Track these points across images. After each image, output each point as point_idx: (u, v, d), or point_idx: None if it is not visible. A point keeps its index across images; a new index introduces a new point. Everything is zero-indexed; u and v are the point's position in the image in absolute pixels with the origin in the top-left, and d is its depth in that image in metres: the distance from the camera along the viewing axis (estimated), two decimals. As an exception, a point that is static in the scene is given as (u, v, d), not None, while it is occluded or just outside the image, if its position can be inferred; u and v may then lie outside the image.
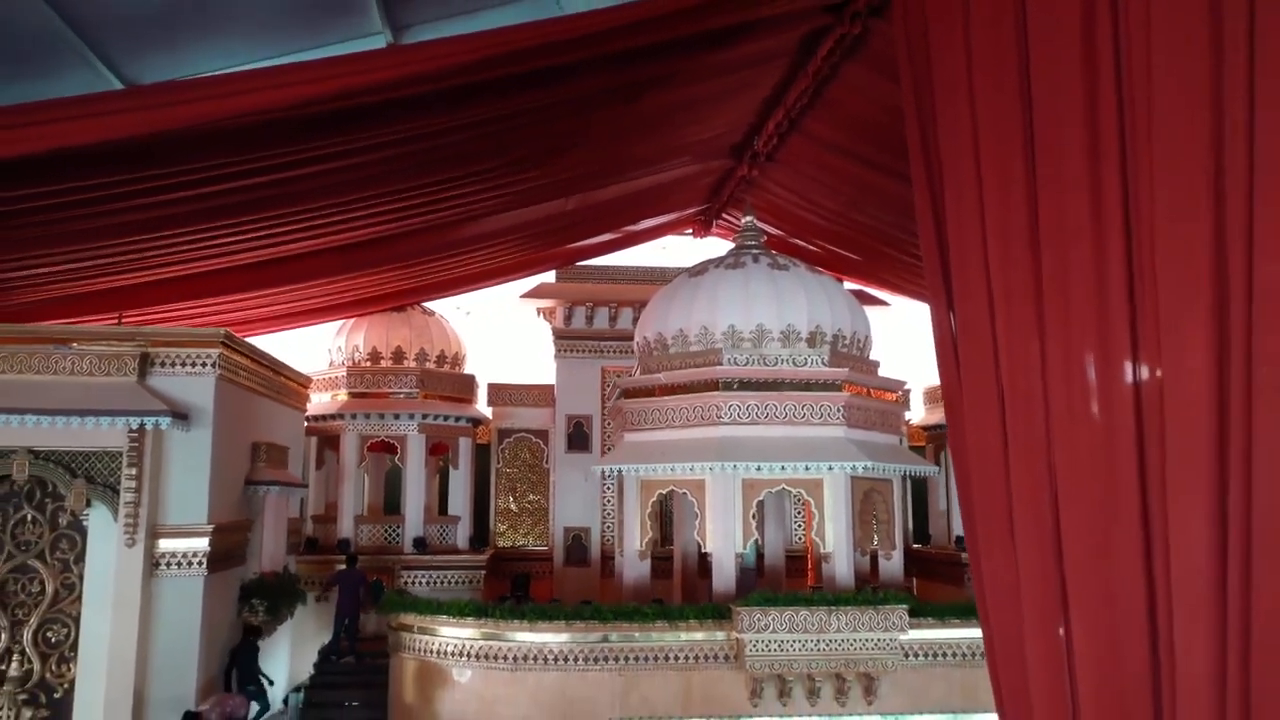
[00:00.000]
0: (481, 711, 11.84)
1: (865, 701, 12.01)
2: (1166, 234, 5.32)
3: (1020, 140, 6.97)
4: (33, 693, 11.17)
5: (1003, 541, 7.01)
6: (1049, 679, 6.42)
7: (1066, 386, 6.29)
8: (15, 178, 8.76)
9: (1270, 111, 4.77)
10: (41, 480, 11.44)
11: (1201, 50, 5.07)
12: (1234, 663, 4.82)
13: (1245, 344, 4.81)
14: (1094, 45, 6.06)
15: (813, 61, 11.84)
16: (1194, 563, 5.16)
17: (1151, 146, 5.52)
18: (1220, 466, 4.97)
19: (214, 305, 14.47)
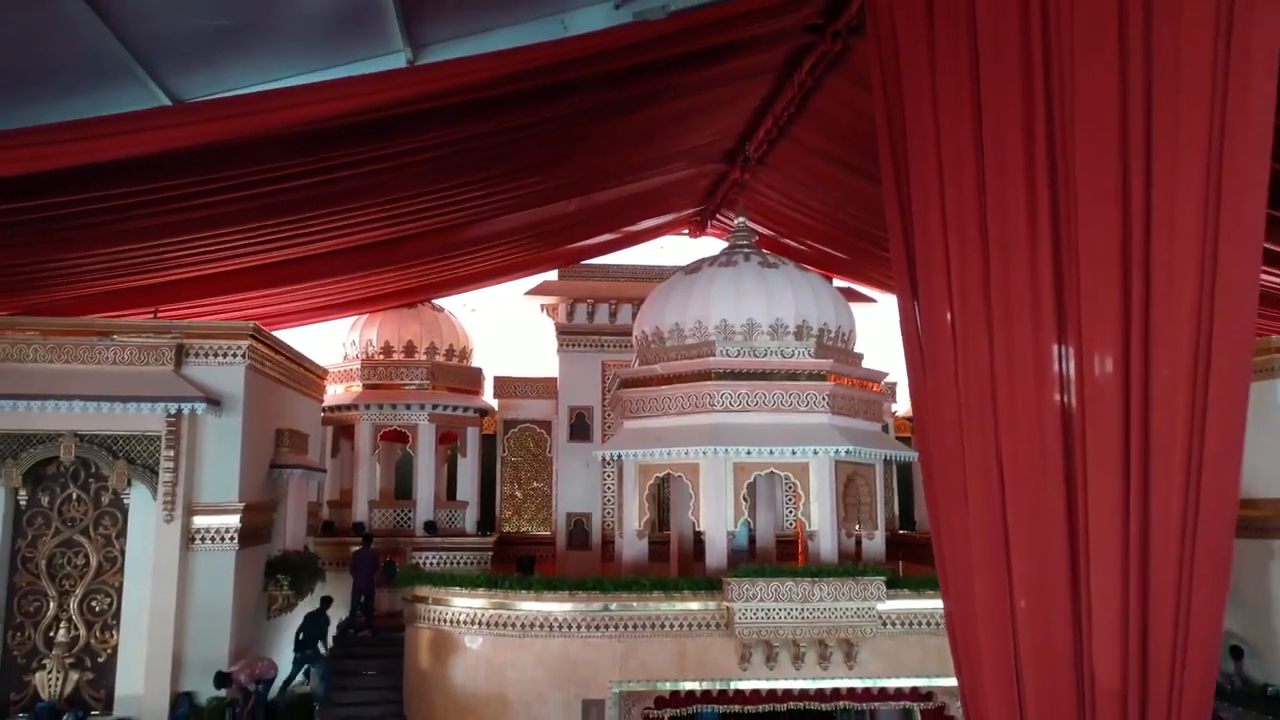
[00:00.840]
0: (491, 675, 12.75)
1: (846, 666, 12.92)
2: (1087, 247, 6.21)
3: (973, 154, 7.87)
4: (79, 657, 12.08)
5: (960, 518, 7.86)
6: (996, 638, 7.26)
7: (1009, 374, 7.16)
8: (71, 185, 9.68)
9: (1166, 131, 5.65)
10: (86, 461, 12.34)
11: (1113, 84, 5.96)
12: (1134, 605, 5.70)
13: (1144, 336, 5.69)
14: (1030, 76, 6.95)
15: (798, 75, 12.74)
16: (1107, 527, 6.03)
17: (1074, 160, 6.42)
18: (1125, 443, 5.85)
19: (241, 300, 15.32)
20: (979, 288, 7.73)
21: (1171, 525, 5.51)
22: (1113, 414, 5.88)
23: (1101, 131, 6.02)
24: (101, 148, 8.95)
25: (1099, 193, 6.04)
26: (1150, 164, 5.66)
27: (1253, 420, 14.67)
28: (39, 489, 12.31)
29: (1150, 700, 5.53)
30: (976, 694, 7.30)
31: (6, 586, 12.11)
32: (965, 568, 7.77)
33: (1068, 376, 6.44)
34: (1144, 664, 5.60)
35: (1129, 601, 5.68)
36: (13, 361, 12.28)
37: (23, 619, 12.11)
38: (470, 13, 10.56)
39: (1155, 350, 5.63)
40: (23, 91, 9.13)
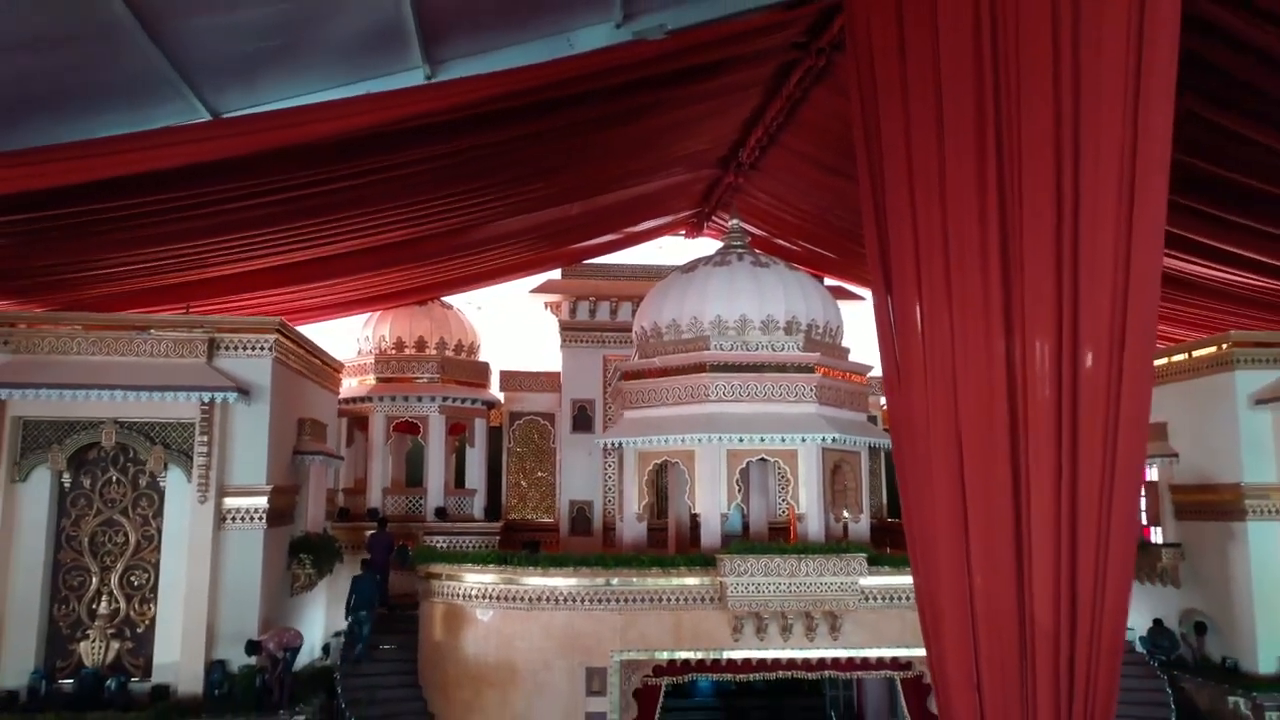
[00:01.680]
0: (501, 645, 13.62)
1: (831, 637, 13.79)
2: (1030, 249, 7.08)
3: (937, 165, 8.72)
4: (119, 627, 12.94)
5: (928, 494, 8.67)
6: (955, 598, 8.08)
7: (965, 362, 8.01)
8: (119, 191, 10.53)
9: (1089, 154, 6.52)
10: (125, 446, 13.20)
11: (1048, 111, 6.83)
12: (1064, 559, 6.58)
13: (1073, 326, 6.56)
14: (983, 99, 7.82)
15: (786, 87, 13.61)
16: (1044, 493, 6.90)
17: (1020, 173, 7.29)
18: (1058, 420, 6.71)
19: (265, 297, 16.17)
20: (942, 284, 8.58)
21: (1093, 491, 6.37)
22: (1048, 395, 6.75)
23: (1039, 149, 6.89)
24: (153, 158, 9.79)
25: (1037, 205, 6.91)
26: (1078, 181, 6.53)
27: (1211, 411, 15.65)
28: (81, 472, 13.17)
29: (1078, 638, 6.40)
30: (940, 650, 8.17)
31: (52, 563, 12.96)
32: (931, 540, 8.60)
33: (1014, 363, 7.30)
34: (1073, 608, 6.47)
35: (1060, 556, 6.55)
36: (57, 354, 13.14)
37: (67, 593, 12.97)
38: (483, 32, 11.42)
39: (1082, 337, 6.49)
40: (85, 106, 10.01)
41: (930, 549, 8.47)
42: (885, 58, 9.97)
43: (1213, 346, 15.73)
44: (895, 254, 9.68)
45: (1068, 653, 6.47)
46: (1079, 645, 6.40)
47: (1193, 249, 14.40)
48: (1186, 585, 16.17)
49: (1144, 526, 17.64)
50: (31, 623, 12.68)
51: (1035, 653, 6.74)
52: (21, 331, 13.14)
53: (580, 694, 13.41)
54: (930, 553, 8.46)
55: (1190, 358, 16.21)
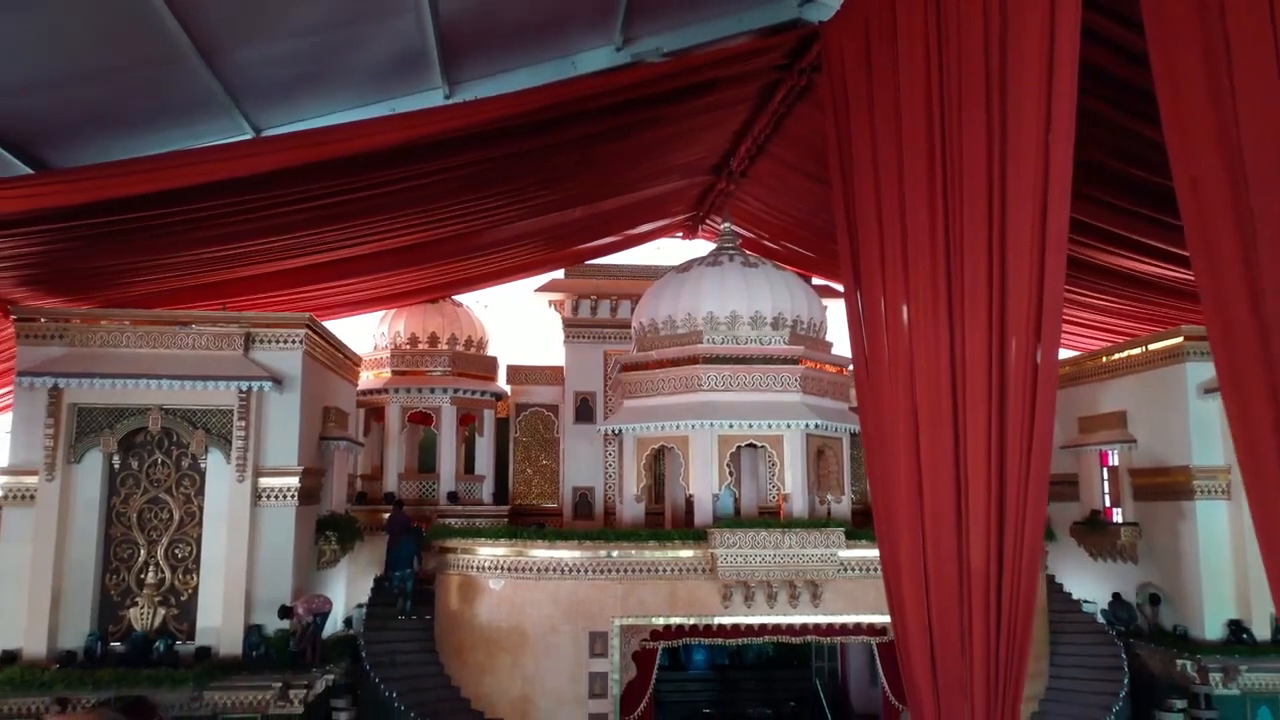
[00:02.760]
0: (512, 612, 14.79)
1: (812, 605, 14.95)
2: (970, 251, 8.23)
3: (897, 176, 9.90)
4: (165, 595, 14.07)
5: (892, 474, 9.84)
6: (912, 556, 9.26)
7: (919, 349, 9.16)
8: (169, 200, 11.66)
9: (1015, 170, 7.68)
10: (169, 431, 14.34)
11: (980, 133, 7.99)
12: (993, 510, 7.74)
13: (1001, 316, 7.72)
14: (932, 120, 8.97)
15: (772, 103, 14.75)
16: (979, 458, 8.05)
17: (961, 185, 8.45)
18: (989, 397, 7.86)
19: (292, 295, 17.27)
20: (901, 282, 9.76)
21: (1016, 455, 7.50)
22: (982, 376, 7.89)
23: (975, 163, 8.04)
24: (207, 171, 10.90)
25: (974, 215, 8.04)
26: (1005, 195, 7.67)
27: (1164, 400, 16.78)
28: (130, 454, 14.31)
29: (1005, 574, 7.55)
30: (900, 597, 9.36)
31: (104, 537, 14.10)
32: (893, 502, 9.79)
33: (955, 350, 8.45)
34: (1000, 551, 7.60)
35: (990, 509, 7.70)
36: (108, 347, 14.29)
37: (118, 564, 14.11)
38: (496, 56, 12.57)
39: (1009, 329, 7.64)
40: (145, 125, 11.18)
41: (892, 511, 9.67)
42: (855, 81, 11.19)
43: (1166, 341, 16.88)
44: (864, 256, 10.89)
45: (995, 588, 7.63)
46: (1005, 581, 7.56)
47: (1145, 251, 15.54)
48: (1143, 561, 17.34)
49: (1106, 508, 18.84)
50: (86, 591, 13.81)
51: (971, 591, 7.90)
52: (76, 326, 14.27)
53: (584, 656, 14.59)
54: (892, 514, 9.65)
55: (1146, 351, 17.38)
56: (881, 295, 10.29)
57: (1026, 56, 7.50)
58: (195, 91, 10.85)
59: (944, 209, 8.67)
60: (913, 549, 9.18)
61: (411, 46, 11.48)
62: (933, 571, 8.50)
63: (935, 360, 8.77)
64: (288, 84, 11.53)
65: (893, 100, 10.07)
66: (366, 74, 11.99)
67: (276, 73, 11.24)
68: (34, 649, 13.34)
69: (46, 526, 13.68)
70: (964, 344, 8.26)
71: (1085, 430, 19.03)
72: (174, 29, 9.33)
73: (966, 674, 7.99)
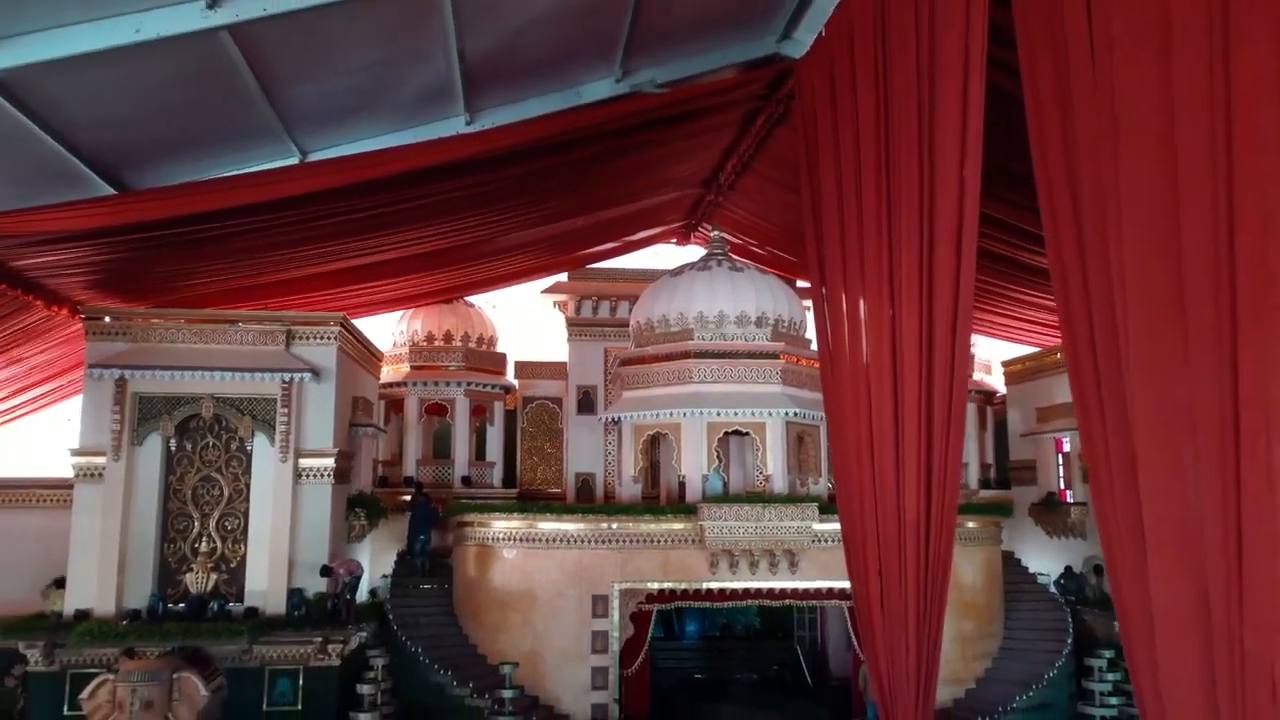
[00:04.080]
0: (523, 578, 16.43)
1: (790, 572, 16.60)
2: (904, 251, 9.88)
3: (855, 192, 11.55)
4: (217, 562, 15.65)
5: (850, 447, 11.48)
6: (864, 508, 10.94)
7: (869, 332, 10.82)
8: (223, 215, 13.26)
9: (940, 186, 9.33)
10: (219, 417, 15.92)
11: (913, 156, 9.64)
12: (922, 468, 9.39)
13: (929, 308, 9.38)
14: (878, 145, 10.63)
15: (754, 127, 16.40)
16: (913, 428, 9.70)
17: (899, 199, 10.10)
18: (920, 376, 9.51)
19: (324, 296, 18.89)
20: (858, 279, 11.43)
21: (943, 419, 9.16)
22: (914, 352, 9.54)
23: (910, 184, 9.68)
24: (262, 192, 12.55)
25: (909, 224, 9.70)
26: (934, 205, 9.33)
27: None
28: (185, 438, 15.89)
29: (931, 523, 9.21)
30: (851, 544, 11.04)
31: (162, 511, 15.69)
32: (850, 474, 11.47)
33: (896, 331, 10.09)
34: (928, 503, 9.26)
35: (920, 465, 9.36)
36: (166, 342, 15.89)
37: (175, 535, 15.71)
38: (511, 87, 14.15)
39: (936, 315, 9.29)
40: (208, 151, 12.79)
41: (849, 478, 11.35)
42: (821, 111, 12.87)
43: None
44: (827, 259, 12.58)
45: (924, 534, 9.27)
46: (932, 528, 9.20)
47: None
48: (1091, 537, 18.99)
49: (1061, 490, 20.52)
50: (148, 558, 15.41)
51: (906, 539, 9.54)
52: (137, 324, 15.88)
53: (587, 616, 16.24)
54: (849, 480, 11.33)
55: (1093, 347, 19.02)
56: (842, 292, 11.96)
57: (947, 103, 9.14)
58: (254, 122, 12.44)
59: (888, 220, 10.32)
60: (865, 508, 10.85)
61: (440, 81, 13.07)
62: (880, 526, 10.17)
63: (880, 347, 10.44)
64: (332, 114, 13.12)
65: (852, 130, 11.74)
66: (400, 105, 13.59)
67: (324, 105, 12.84)
68: (104, 608, 14.95)
69: (113, 501, 15.28)
70: (901, 332, 9.92)
71: (1042, 420, 20.67)
72: (245, 74, 10.95)
73: (903, 606, 9.65)
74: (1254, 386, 5.37)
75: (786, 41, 14.91)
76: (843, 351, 11.88)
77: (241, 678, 14.57)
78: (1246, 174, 5.49)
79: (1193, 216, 5.69)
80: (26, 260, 13.67)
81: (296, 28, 10.29)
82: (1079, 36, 6.88)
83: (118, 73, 10.24)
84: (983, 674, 17.21)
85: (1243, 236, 5.45)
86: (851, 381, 11.51)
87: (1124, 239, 6.11)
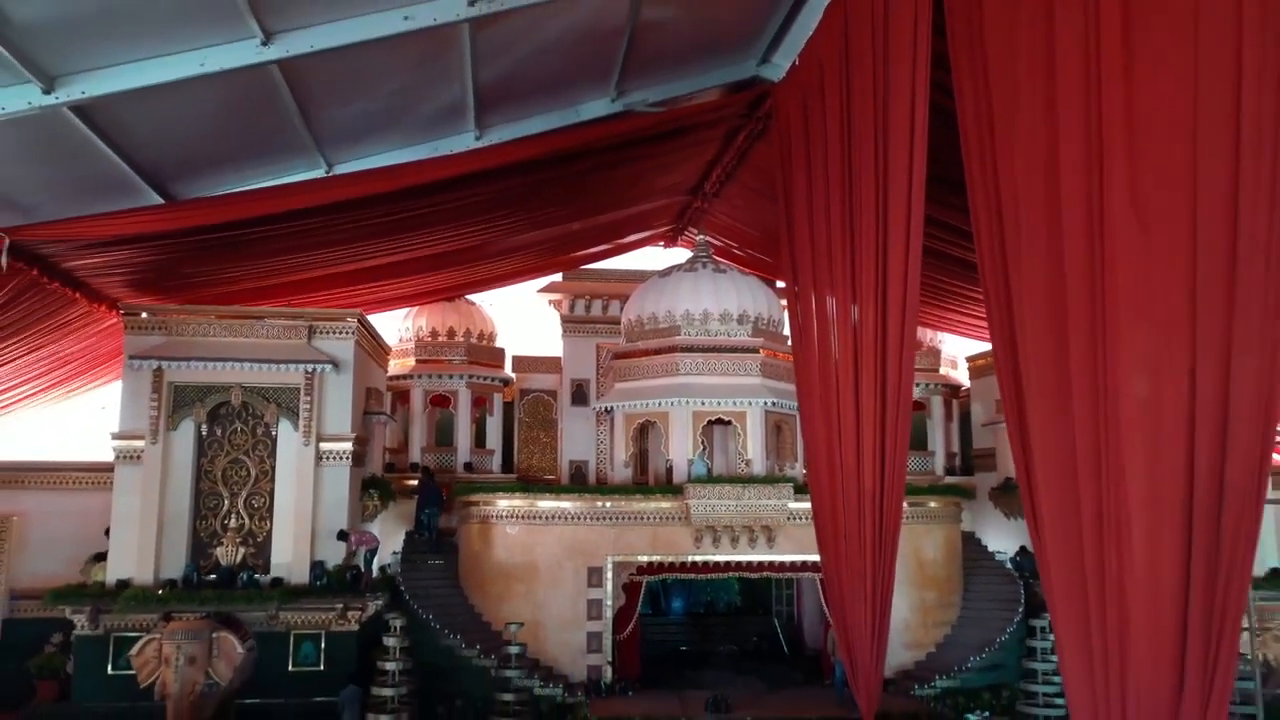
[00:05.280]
0: (525, 551, 17.86)
1: (767, 546, 18.09)
2: (863, 257, 11.36)
3: (825, 203, 13.01)
4: (245, 537, 16.97)
5: (819, 427, 12.97)
6: (830, 482, 12.43)
7: (836, 324, 12.29)
8: (257, 224, 14.59)
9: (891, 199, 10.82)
10: (247, 404, 17.24)
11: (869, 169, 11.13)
12: (877, 447, 10.88)
13: (883, 301, 10.86)
14: (842, 162, 12.11)
15: (736, 141, 17.86)
16: (867, 407, 11.17)
17: (860, 209, 11.58)
18: (876, 357, 10.99)
19: (339, 294, 20.20)
20: (826, 281, 12.92)
21: (895, 396, 10.64)
22: (872, 348, 10.99)
23: (868, 193, 11.17)
24: (292, 202, 13.91)
25: (867, 232, 11.16)
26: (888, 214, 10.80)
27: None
28: (215, 424, 17.19)
29: (885, 493, 10.71)
30: (820, 514, 12.53)
31: (195, 490, 17.01)
32: (818, 451, 12.96)
33: (859, 323, 11.56)
34: (882, 472, 10.76)
35: (876, 439, 10.85)
36: (199, 336, 17.20)
37: (206, 512, 17.02)
38: (516, 107, 15.57)
39: (889, 308, 10.77)
40: (245, 165, 14.15)
41: (817, 455, 12.85)
42: (795, 131, 14.35)
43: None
44: (799, 261, 14.06)
45: (879, 499, 10.78)
46: (884, 494, 10.72)
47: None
48: (1043, 517, 20.53)
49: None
50: (182, 532, 16.72)
51: (865, 505, 11.03)
52: (173, 320, 17.19)
53: (584, 586, 17.68)
54: (817, 457, 12.83)
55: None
56: (812, 292, 13.44)
57: (899, 124, 10.60)
58: (289, 139, 13.83)
59: (850, 228, 11.79)
60: (832, 480, 12.35)
61: (454, 103, 14.48)
62: (841, 496, 11.68)
63: (845, 339, 11.93)
64: (358, 132, 14.50)
65: (820, 147, 13.20)
66: (417, 123, 14.98)
67: (352, 124, 14.22)
68: (143, 577, 16.25)
69: (151, 481, 16.59)
70: (861, 325, 11.41)
71: (1000, 410, 22.20)
72: (287, 99, 12.33)
73: (863, 562, 11.14)
74: (1117, 379, 6.84)
75: (766, 65, 16.38)
76: (812, 344, 13.36)
77: (269, 640, 15.85)
78: (1116, 189, 6.94)
79: (1072, 224, 7.15)
80: (78, 261, 14.97)
81: (336, 60, 11.67)
82: (998, 66, 8.35)
83: (179, 99, 11.60)
84: (942, 639, 18.75)
85: (1112, 243, 6.91)
86: (821, 367, 12.99)
87: (1022, 248, 7.59)
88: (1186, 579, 6.39)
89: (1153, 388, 6.62)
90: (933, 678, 17.56)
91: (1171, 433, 6.57)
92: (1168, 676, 6.33)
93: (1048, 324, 7.30)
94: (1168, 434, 6.58)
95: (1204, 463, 6.35)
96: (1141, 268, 6.84)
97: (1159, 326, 6.59)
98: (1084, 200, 7.10)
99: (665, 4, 13.36)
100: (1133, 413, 6.83)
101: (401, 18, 11.17)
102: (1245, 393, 6.14)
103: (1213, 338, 6.23)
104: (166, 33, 10.29)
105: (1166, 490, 6.55)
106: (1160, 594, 6.50)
